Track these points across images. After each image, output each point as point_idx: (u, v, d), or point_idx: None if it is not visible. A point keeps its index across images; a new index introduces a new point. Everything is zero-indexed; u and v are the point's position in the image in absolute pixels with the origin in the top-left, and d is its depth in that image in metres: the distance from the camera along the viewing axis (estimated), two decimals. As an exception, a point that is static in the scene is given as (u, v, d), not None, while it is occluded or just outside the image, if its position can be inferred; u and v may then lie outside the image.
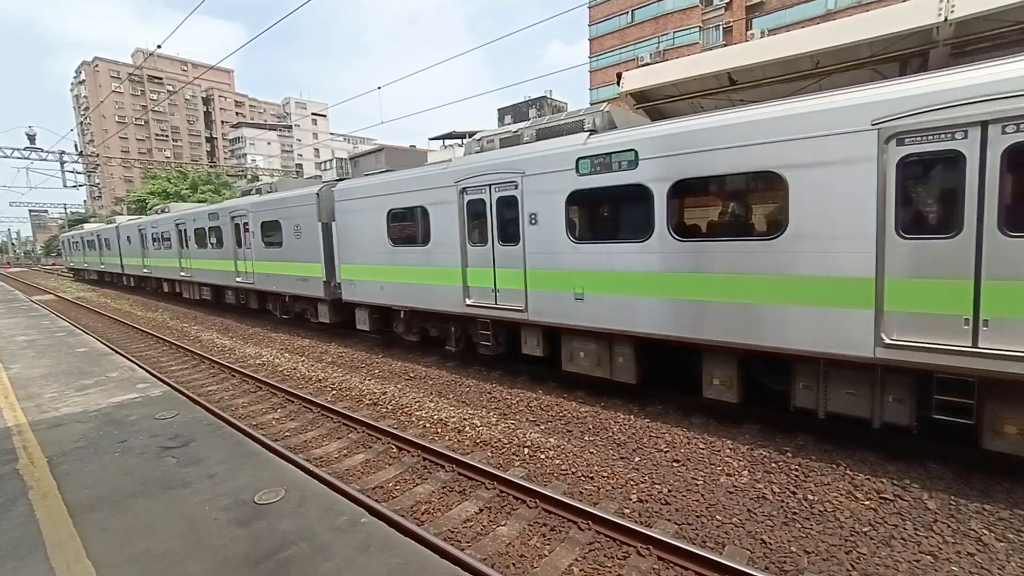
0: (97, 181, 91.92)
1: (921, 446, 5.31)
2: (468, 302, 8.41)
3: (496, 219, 7.91)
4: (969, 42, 5.65)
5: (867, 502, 4.59)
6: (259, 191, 14.89)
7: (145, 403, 6.23)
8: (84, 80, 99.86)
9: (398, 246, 9.68)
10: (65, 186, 32.39)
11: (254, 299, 15.70)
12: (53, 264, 66.58)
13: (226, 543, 3.23)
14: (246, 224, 14.37)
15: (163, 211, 22.43)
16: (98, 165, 61.15)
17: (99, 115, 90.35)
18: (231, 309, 17.65)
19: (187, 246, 18.20)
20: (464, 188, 8.23)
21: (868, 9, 6.58)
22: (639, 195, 6.29)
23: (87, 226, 36.65)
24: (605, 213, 7.25)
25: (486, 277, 8.18)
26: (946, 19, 5.20)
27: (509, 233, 7.78)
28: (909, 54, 6.11)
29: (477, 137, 8.72)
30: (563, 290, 7.17)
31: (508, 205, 7.74)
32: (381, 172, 10.87)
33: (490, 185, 7.88)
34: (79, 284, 34.06)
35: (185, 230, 18.09)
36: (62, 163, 31.45)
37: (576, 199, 6.97)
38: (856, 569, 3.74)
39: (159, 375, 9.25)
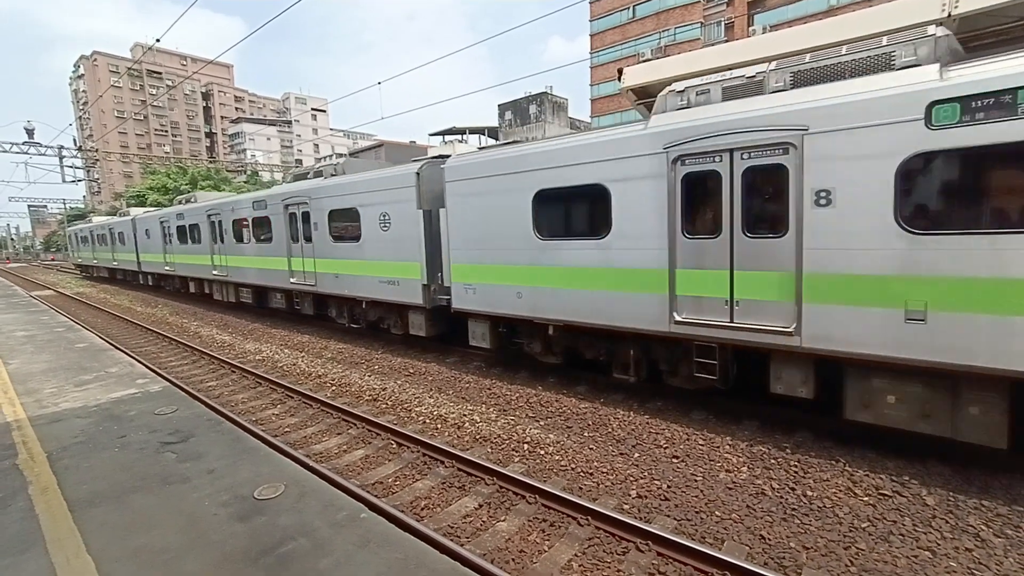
0: (96, 176, 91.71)
1: (916, 443, 5.32)
2: (678, 318, 6.11)
3: (741, 199, 5.58)
4: (972, 37, 5.62)
5: (866, 498, 4.59)
6: (320, 174, 12.27)
7: (144, 398, 6.23)
8: (83, 75, 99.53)
9: (550, 239, 7.38)
10: (64, 181, 32.32)
11: (310, 304, 13.04)
12: (52, 260, 66.52)
13: (226, 538, 3.23)
14: (306, 214, 11.95)
15: (189, 200, 19.28)
16: (97, 160, 61.05)
17: (98, 110, 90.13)
18: (232, 307, 17.63)
19: (222, 240, 15.79)
20: (680, 156, 5.90)
21: (871, 5, 6.56)
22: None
23: (97, 218, 34.02)
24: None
25: (714, 283, 5.87)
26: (949, 14, 5.17)
27: (764, 219, 5.57)
28: (912, 50, 6.06)
29: (679, 88, 6.32)
30: (876, 305, 4.87)
31: (767, 177, 5.47)
32: (513, 143, 8.51)
33: (732, 150, 5.56)
34: (84, 281, 33.96)
35: (220, 221, 15.68)
36: (61, 158, 31.38)
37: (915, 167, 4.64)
38: (855, 565, 3.74)
39: (159, 371, 9.25)
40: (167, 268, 20.27)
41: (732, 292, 5.73)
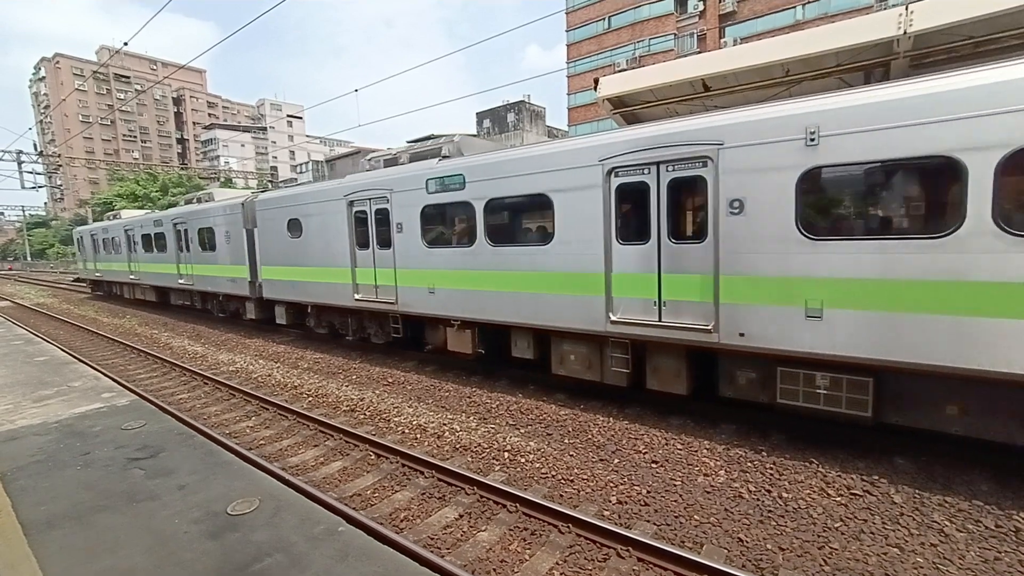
0: (59, 182, 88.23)
1: (884, 442, 5.50)
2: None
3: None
4: (927, 55, 5.92)
5: (838, 498, 4.72)
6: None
7: (111, 413, 5.99)
8: (44, 77, 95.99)
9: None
10: (23, 187, 31.00)
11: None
12: (10, 269, 63.61)
13: (197, 557, 3.12)
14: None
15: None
16: (60, 166, 58.80)
17: (61, 114, 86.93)
18: (203, 315, 17.12)
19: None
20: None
21: (835, 20, 6.85)
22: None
23: (128, 213, 23.26)
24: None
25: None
26: (905, 32, 5.44)
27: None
28: (872, 64, 6.36)
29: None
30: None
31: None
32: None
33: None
34: (41, 290, 32.38)
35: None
36: (20, 163, 30.12)
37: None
38: (828, 564, 3.84)
39: (126, 384, 8.91)
40: (362, 298, 10.71)
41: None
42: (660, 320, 6.19)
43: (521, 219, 7.86)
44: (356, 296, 10.07)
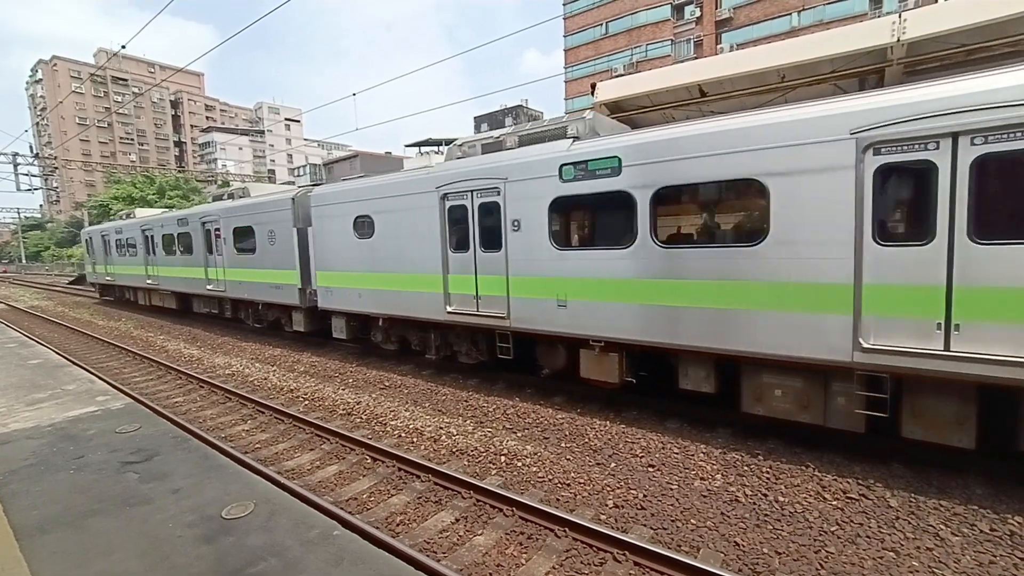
0: (55, 185, 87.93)
1: (880, 447, 5.51)
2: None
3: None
4: (920, 62, 5.98)
5: (834, 502, 4.72)
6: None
7: (105, 416, 5.95)
8: (41, 79, 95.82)
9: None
10: (19, 189, 30.88)
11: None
12: (4, 272, 63.30)
13: (190, 561, 3.10)
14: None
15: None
16: (56, 168, 58.62)
17: (58, 116, 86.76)
18: (199, 317, 17.04)
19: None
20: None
21: (829, 27, 6.92)
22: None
23: (144, 212, 21.23)
24: None
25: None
26: (899, 39, 5.50)
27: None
28: (867, 71, 6.43)
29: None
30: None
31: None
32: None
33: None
34: (35, 293, 32.22)
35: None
36: (15, 165, 30.02)
37: None
38: (825, 568, 3.84)
39: (121, 387, 8.86)
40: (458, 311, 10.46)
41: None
42: (948, 349, 4.53)
43: (711, 212, 6.23)
44: (449, 308, 8.37)
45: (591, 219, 7.17)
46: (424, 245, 8.59)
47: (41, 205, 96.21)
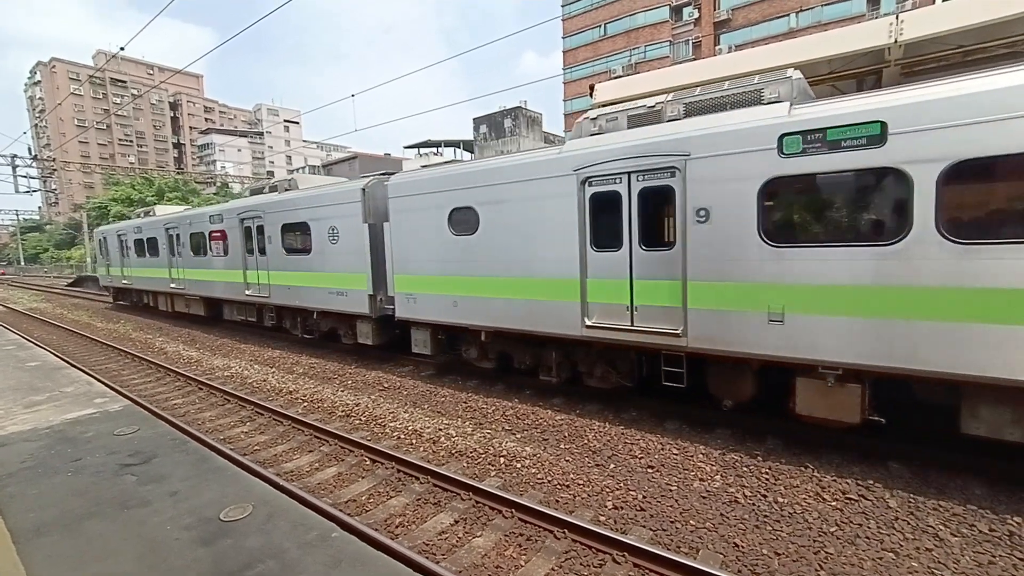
0: (54, 187, 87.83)
1: (878, 447, 5.51)
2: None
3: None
4: (918, 63, 5.99)
5: (834, 503, 4.72)
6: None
7: (103, 419, 5.93)
8: (39, 81, 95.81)
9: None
10: (17, 191, 30.85)
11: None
12: (3, 274, 63.21)
13: (188, 563, 3.09)
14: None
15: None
16: (55, 170, 58.58)
17: (56, 118, 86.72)
18: (197, 320, 17.00)
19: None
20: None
21: (828, 28, 6.94)
22: None
23: (165, 209, 19.50)
24: None
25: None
26: (896, 40, 5.52)
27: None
28: (865, 72, 6.44)
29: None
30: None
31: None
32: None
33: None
34: (34, 295, 32.14)
35: None
36: (14, 167, 29.99)
37: None
38: (824, 569, 3.83)
39: (120, 389, 8.84)
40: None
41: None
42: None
43: None
44: (589, 321, 6.77)
45: (826, 205, 5.29)
46: (551, 242, 7.05)
47: (40, 207, 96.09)
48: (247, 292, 12.87)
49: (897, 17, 5.55)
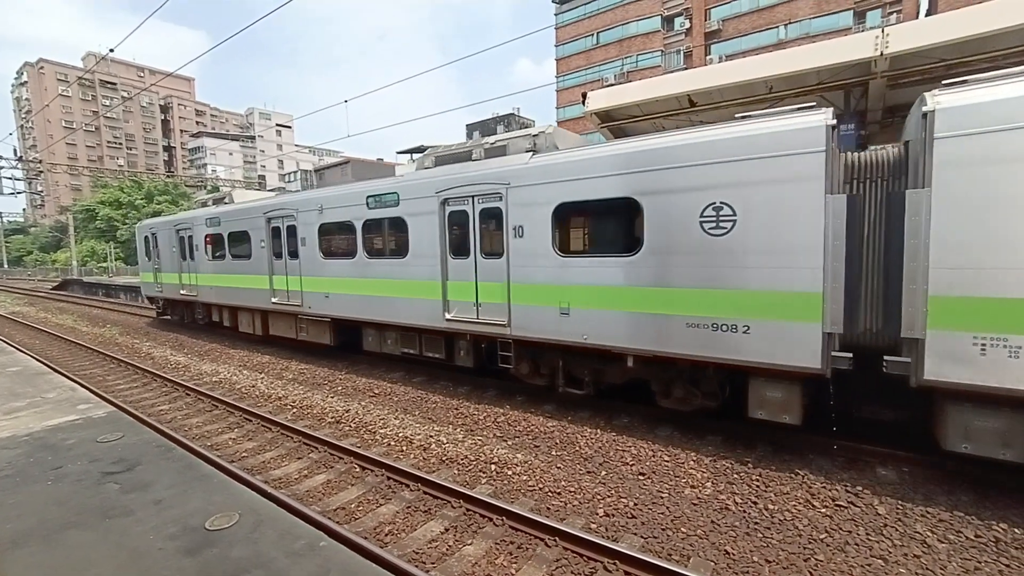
0: (40, 189, 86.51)
1: (867, 454, 5.56)
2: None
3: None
4: (903, 75, 6.12)
5: (823, 510, 4.74)
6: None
7: (86, 425, 5.81)
8: (26, 82, 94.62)
9: None
10: (2, 193, 30.34)
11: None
12: (-13, 277, 61.92)
13: (172, 574, 3.02)
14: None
15: None
16: (41, 172, 57.71)
17: (43, 119, 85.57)
18: (187, 325, 16.77)
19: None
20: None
21: (816, 41, 7.07)
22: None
23: (245, 195, 14.29)
24: None
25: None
26: (882, 53, 5.63)
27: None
28: (851, 83, 6.56)
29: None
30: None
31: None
32: None
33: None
34: (17, 298, 31.54)
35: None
36: None
37: None
38: (814, 576, 3.84)
39: (104, 395, 8.68)
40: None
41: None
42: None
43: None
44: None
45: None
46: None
47: (24, 209, 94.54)
48: (447, 316, 8.29)
49: (883, 30, 5.67)
